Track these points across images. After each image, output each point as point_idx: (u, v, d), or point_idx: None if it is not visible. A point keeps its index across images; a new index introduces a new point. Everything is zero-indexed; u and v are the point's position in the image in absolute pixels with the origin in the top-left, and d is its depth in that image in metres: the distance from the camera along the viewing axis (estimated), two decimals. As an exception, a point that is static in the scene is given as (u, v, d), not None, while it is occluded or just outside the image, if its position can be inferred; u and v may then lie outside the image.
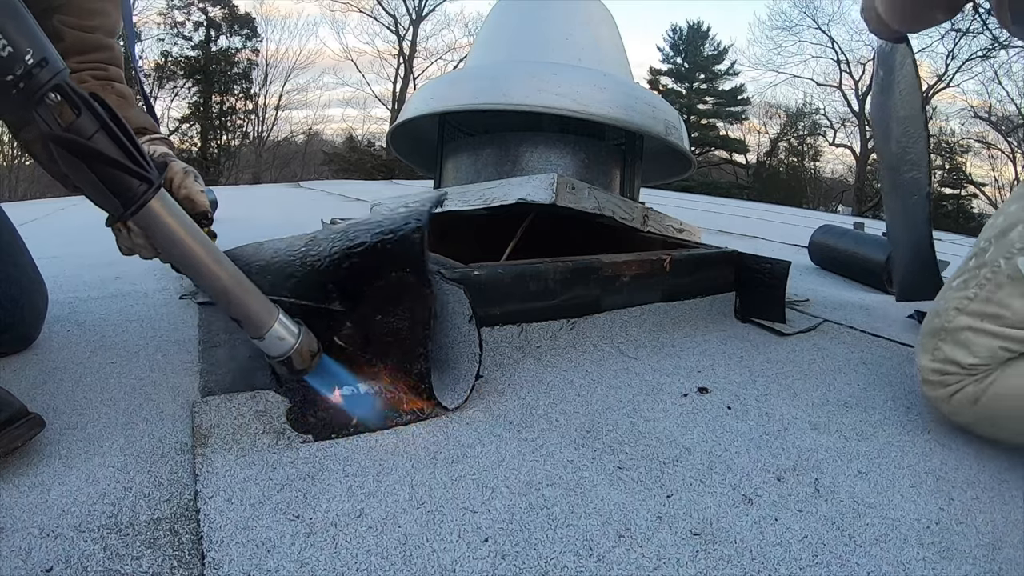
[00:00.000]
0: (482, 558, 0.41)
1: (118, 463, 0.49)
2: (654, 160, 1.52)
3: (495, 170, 1.24)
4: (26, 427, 0.49)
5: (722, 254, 1.00)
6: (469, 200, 1.02)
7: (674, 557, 0.42)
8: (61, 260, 1.26)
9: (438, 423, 0.59)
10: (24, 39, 0.39)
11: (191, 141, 14.27)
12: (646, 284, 0.90)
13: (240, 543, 0.41)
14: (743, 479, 0.53)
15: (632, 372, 0.76)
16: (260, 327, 0.51)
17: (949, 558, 0.44)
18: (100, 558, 0.39)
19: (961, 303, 0.61)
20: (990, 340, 0.58)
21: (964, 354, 0.60)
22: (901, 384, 0.79)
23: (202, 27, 13.99)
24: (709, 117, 16.91)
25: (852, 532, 0.46)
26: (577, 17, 1.34)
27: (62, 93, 0.41)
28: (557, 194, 0.87)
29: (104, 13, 0.70)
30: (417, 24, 15.42)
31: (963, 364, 0.60)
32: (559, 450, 0.56)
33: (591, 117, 1.06)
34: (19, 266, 0.72)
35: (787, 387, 0.75)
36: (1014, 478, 0.57)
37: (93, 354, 0.73)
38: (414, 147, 1.58)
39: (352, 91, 22.07)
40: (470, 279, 0.70)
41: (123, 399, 0.61)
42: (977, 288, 0.60)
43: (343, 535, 0.42)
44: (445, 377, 0.67)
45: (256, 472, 0.49)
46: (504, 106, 1.07)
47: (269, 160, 15.14)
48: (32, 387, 0.63)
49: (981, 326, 0.59)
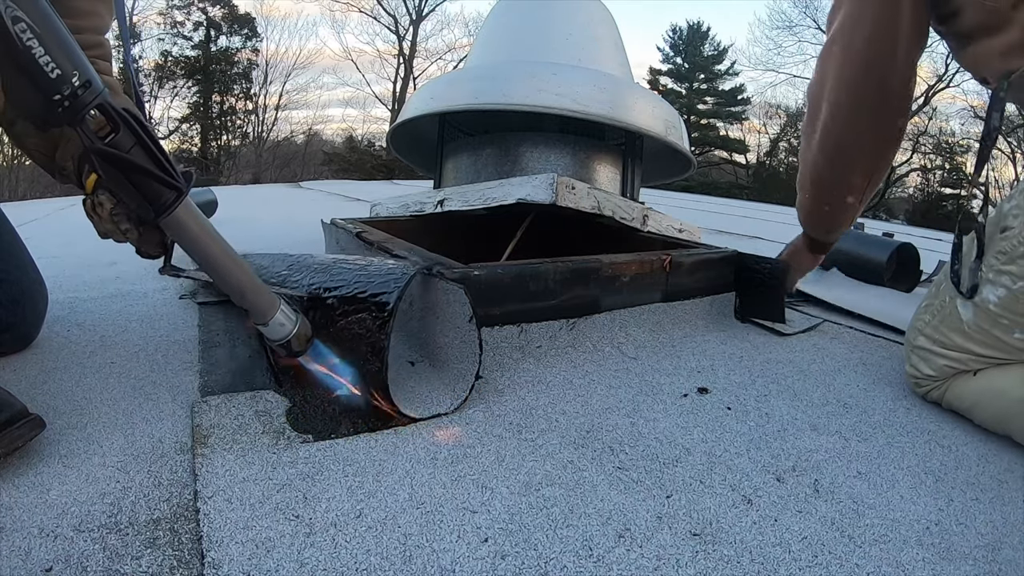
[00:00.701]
0: (482, 558, 0.41)
1: (118, 463, 0.49)
2: (654, 160, 1.52)
3: (495, 170, 1.24)
4: (27, 428, 0.49)
5: (722, 254, 1.00)
6: (469, 200, 1.02)
7: (674, 557, 0.42)
8: (61, 260, 1.26)
9: (437, 423, 0.59)
10: (70, 62, 0.44)
11: (191, 141, 14.27)
12: (646, 284, 0.90)
13: (240, 543, 0.41)
14: (743, 479, 0.53)
15: (632, 372, 0.76)
16: (265, 314, 0.58)
17: (949, 559, 0.44)
18: (100, 558, 0.39)
19: (921, 325, 0.74)
20: (939, 359, 0.71)
21: (925, 367, 0.73)
22: (901, 385, 0.79)
23: (202, 27, 13.98)
24: (709, 117, 16.90)
25: (852, 533, 0.46)
26: (577, 17, 1.34)
27: (103, 111, 0.47)
28: (557, 194, 0.87)
29: (95, 14, 0.71)
30: (417, 24, 15.42)
31: (924, 373, 0.73)
32: (559, 450, 0.56)
33: (591, 117, 1.06)
34: (19, 266, 0.73)
35: (787, 387, 0.75)
36: (1013, 479, 0.57)
37: (93, 354, 0.73)
38: (414, 147, 1.59)
39: (352, 91, 22.09)
40: (470, 279, 0.70)
41: (123, 399, 0.61)
42: (931, 315, 0.73)
43: (343, 535, 0.42)
44: (444, 377, 0.67)
45: (256, 472, 0.49)
46: (504, 106, 1.07)
47: (269, 160, 15.13)
48: (32, 387, 0.63)
49: (932, 348, 0.72)
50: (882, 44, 0.80)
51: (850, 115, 0.85)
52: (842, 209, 0.95)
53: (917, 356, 0.74)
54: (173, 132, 13.98)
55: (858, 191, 0.93)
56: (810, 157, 0.93)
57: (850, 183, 0.92)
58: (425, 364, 0.71)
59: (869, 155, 0.88)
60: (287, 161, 15.50)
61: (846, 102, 0.85)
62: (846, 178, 0.92)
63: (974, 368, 0.69)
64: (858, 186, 0.92)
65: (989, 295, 0.65)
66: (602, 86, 1.09)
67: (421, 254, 0.82)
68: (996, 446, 0.63)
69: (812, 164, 0.93)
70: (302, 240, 1.63)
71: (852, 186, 0.92)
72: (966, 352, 0.69)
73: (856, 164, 0.90)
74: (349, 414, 0.58)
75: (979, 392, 0.67)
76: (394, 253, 0.83)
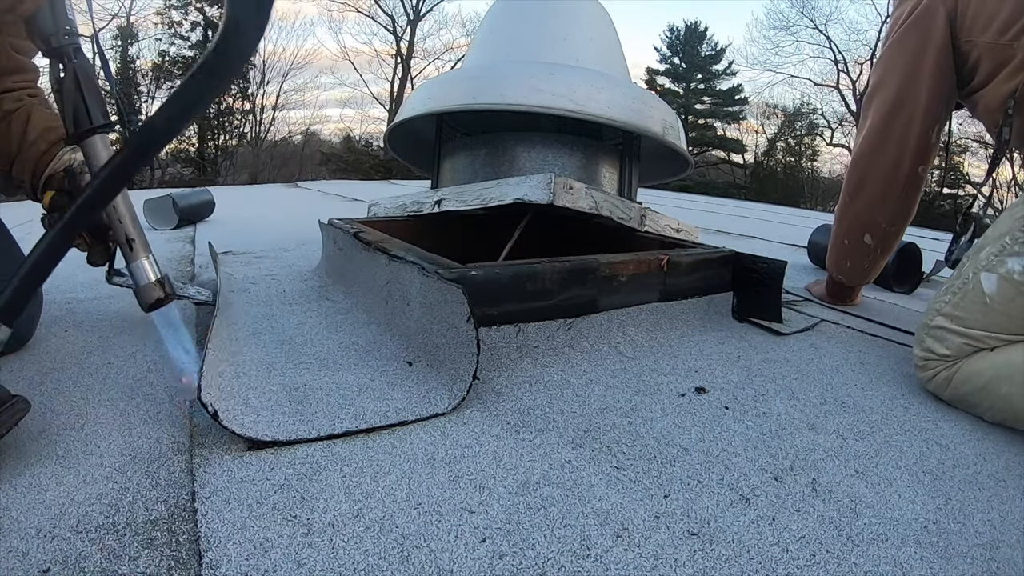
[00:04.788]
0: (479, 558, 0.41)
1: (115, 463, 0.49)
2: (651, 160, 1.52)
3: (492, 170, 1.24)
4: (9, 414, 0.47)
5: (719, 254, 1.00)
6: (467, 200, 1.02)
7: (671, 557, 0.42)
8: (58, 260, 1.25)
9: (436, 424, 0.59)
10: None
11: (188, 141, 14.21)
12: (643, 284, 0.90)
13: (237, 543, 0.41)
14: (740, 479, 0.53)
15: (629, 372, 0.76)
16: (138, 254, 0.67)
17: (947, 557, 0.44)
18: (97, 559, 0.39)
19: (940, 305, 0.76)
20: (956, 337, 0.73)
21: (939, 346, 0.74)
22: (898, 384, 0.79)
23: (199, 27, 13.94)
24: (706, 117, 16.92)
25: (849, 532, 0.46)
26: (574, 17, 1.34)
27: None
28: (554, 194, 0.87)
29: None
30: (415, 24, 15.39)
31: (938, 353, 0.74)
32: (556, 450, 0.56)
33: (588, 117, 1.06)
34: (13, 266, 0.72)
35: (784, 387, 0.75)
36: (1011, 477, 0.57)
37: (90, 355, 0.73)
38: (412, 147, 1.58)
39: (349, 91, 22.06)
40: (467, 279, 0.70)
41: (120, 399, 0.61)
42: (951, 295, 0.75)
43: (340, 535, 0.42)
44: (442, 377, 0.67)
45: (253, 472, 0.49)
46: (501, 106, 1.07)
47: (267, 160, 15.09)
48: (29, 387, 0.63)
49: (951, 326, 0.73)
50: (903, 102, 0.99)
51: (872, 157, 1.04)
52: (859, 247, 1.10)
53: (932, 337, 0.75)
54: (171, 132, 13.91)
55: (877, 230, 1.08)
56: (842, 196, 1.12)
57: (870, 220, 1.07)
58: (422, 364, 0.71)
59: (886, 195, 1.04)
60: (284, 161, 15.46)
61: (867, 147, 1.04)
62: (864, 214, 1.08)
63: (992, 345, 0.70)
64: (878, 225, 1.07)
65: (1015, 265, 0.68)
66: (599, 86, 1.09)
67: (418, 254, 0.82)
68: (994, 444, 0.63)
69: (840, 199, 1.12)
70: (300, 240, 1.63)
71: (871, 224, 1.08)
72: (985, 329, 0.70)
73: (875, 202, 1.06)
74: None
75: (997, 367, 0.68)
76: (392, 253, 0.83)
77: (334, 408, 0.60)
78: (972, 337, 0.71)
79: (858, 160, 1.06)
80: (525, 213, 1.05)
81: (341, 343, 0.79)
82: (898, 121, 1.00)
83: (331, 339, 0.80)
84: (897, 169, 1.02)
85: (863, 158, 1.05)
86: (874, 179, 1.04)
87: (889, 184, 1.03)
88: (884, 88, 1.02)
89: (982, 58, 0.90)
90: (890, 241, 1.09)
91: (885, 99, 1.01)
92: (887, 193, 1.04)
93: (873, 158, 1.04)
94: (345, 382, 0.66)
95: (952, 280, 0.76)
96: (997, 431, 0.67)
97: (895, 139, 1.01)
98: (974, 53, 0.92)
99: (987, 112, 0.94)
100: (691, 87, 17.09)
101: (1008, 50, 0.86)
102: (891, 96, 1.00)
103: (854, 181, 1.07)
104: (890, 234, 1.08)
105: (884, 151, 1.02)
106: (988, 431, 0.67)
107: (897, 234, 1.08)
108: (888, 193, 1.04)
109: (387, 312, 0.84)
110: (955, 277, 0.76)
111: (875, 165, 1.04)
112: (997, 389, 0.67)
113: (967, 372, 0.70)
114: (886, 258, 1.13)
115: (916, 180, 1.02)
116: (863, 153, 1.05)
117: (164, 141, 0.40)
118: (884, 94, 1.02)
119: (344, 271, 1.04)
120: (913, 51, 0.97)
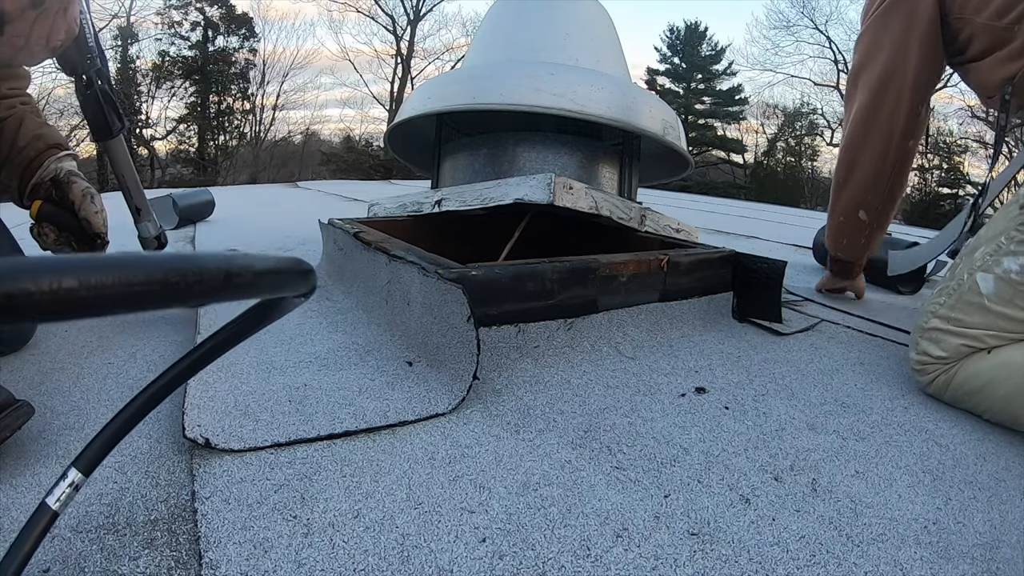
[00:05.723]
0: (479, 558, 0.41)
1: (115, 463, 0.49)
2: (652, 160, 1.52)
3: (492, 170, 1.24)
4: (12, 417, 0.47)
5: (720, 254, 1.00)
6: (467, 200, 1.02)
7: (671, 557, 0.42)
8: (58, 260, 1.25)
9: (436, 424, 0.59)
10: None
11: (188, 141, 14.22)
12: (643, 284, 0.90)
13: (237, 543, 0.41)
14: (741, 479, 0.53)
15: (629, 372, 0.76)
16: (149, 212, 0.90)
17: (947, 558, 0.44)
18: (97, 558, 0.39)
19: (935, 308, 0.75)
20: (953, 338, 0.72)
21: (935, 348, 0.73)
22: (899, 384, 0.79)
23: (199, 27, 13.94)
24: (706, 117, 16.92)
25: (850, 532, 0.46)
26: (574, 17, 1.34)
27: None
28: (554, 194, 0.87)
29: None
30: (415, 24, 15.39)
31: (934, 356, 0.73)
32: (556, 450, 0.56)
33: (588, 117, 1.06)
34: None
35: (784, 387, 0.75)
36: (1011, 477, 0.57)
37: (91, 355, 0.73)
38: (412, 147, 1.58)
39: (350, 91, 22.06)
40: (468, 279, 0.70)
41: (121, 400, 0.61)
42: (946, 296, 0.74)
43: (340, 535, 0.42)
44: (442, 377, 0.67)
45: (253, 472, 0.49)
46: (501, 106, 1.07)
47: (267, 160, 15.09)
48: (29, 387, 0.63)
49: (947, 327, 0.73)
50: (891, 80, 0.99)
51: (863, 134, 1.04)
52: (855, 224, 1.12)
53: (928, 339, 0.74)
54: (170, 132, 13.94)
55: (871, 206, 1.09)
56: (835, 175, 1.13)
57: (864, 196, 1.09)
58: (423, 364, 0.71)
59: (878, 171, 1.05)
60: (285, 161, 15.46)
61: (858, 125, 1.04)
62: (859, 190, 1.09)
63: (990, 345, 0.70)
64: (871, 200, 1.09)
65: (1011, 265, 0.68)
66: (600, 86, 1.09)
67: (419, 254, 0.82)
68: (994, 444, 0.63)
69: (834, 178, 1.13)
70: (300, 240, 1.63)
71: (865, 200, 1.09)
72: (983, 328, 0.70)
73: (868, 178, 1.07)
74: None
75: (995, 368, 0.67)
76: (392, 253, 0.83)
77: (334, 408, 0.60)
78: (970, 337, 0.70)
79: (850, 138, 1.07)
80: (525, 213, 1.05)
81: (341, 343, 0.79)
82: (888, 98, 1.01)
83: (331, 339, 0.80)
84: (888, 145, 1.03)
85: (855, 135, 1.06)
86: (866, 156, 1.05)
87: (881, 160, 1.04)
88: (871, 65, 1.02)
89: (975, 35, 0.90)
90: (884, 216, 1.11)
91: (872, 76, 1.02)
92: (879, 168, 1.05)
93: (865, 135, 1.04)
94: (345, 382, 0.66)
95: (946, 282, 0.76)
96: (997, 431, 0.67)
97: (885, 116, 1.01)
98: (966, 30, 0.91)
99: (981, 87, 0.94)
100: (691, 87, 17.09)
101: (1006, 32, 0.86)
102: (879, 73, 1.01)
103: (847, 159, 1.08)
104: (884, 209, 1.09)
105: (875, 128, 1.03)
106: (988, 431, 0.67)
107: (891, 208, 1.10)
108: (881, 169, 1.05)
109: (387, 312, 0.84)
110: (949, 279, 0.75)
111: (867, 142, 1.05)
112: (995, 391, 0.67)
113: (965, 375, 0.70)
114: (882, 232, 1.14)
115: (907, 155, 1.04)
116: (855, 130, 1.05)
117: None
118: (871, 71, 1.02)
119: (344, 271, 1.04)
120: (900, 28, 0.97)
